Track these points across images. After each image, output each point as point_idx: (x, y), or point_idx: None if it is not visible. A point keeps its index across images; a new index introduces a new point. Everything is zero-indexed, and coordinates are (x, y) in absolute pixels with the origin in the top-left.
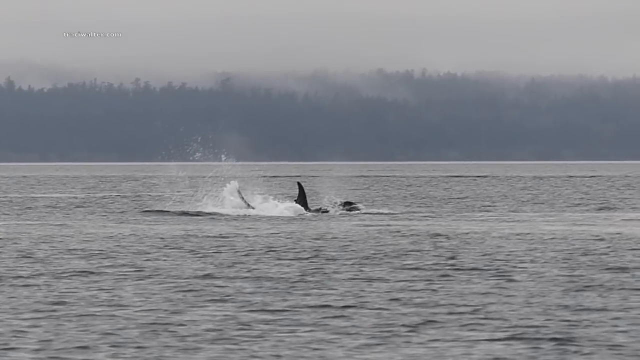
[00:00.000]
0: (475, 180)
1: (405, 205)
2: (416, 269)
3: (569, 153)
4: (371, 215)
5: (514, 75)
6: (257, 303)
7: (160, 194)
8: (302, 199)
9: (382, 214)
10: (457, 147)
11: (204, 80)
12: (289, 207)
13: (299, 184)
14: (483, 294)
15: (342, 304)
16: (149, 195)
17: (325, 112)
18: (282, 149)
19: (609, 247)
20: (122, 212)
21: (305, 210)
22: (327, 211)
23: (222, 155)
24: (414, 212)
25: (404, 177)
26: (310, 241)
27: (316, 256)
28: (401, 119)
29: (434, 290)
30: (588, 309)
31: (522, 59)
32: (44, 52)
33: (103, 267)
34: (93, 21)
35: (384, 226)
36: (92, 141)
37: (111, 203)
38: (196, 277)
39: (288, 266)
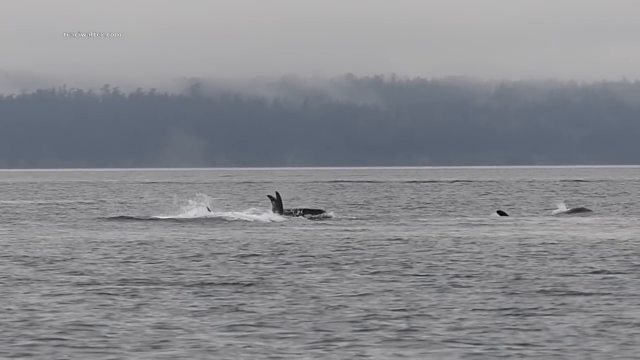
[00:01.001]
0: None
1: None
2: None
3: (538, 158)
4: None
5: (484, 80)
6: (187, 309)
7: (124, 200)
8: (278, 206)
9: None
10: (427, 152)
11: (173, 86)
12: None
13: (277, 193)
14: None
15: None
16: (114, 200)
17: (295, 118)
18: (252, 155)
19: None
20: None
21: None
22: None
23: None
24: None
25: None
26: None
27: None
28: (371, 124)
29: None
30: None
31: (491, 64)
32: (12, 59)
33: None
34: (64, 26)
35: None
36: (61, 147)
37: (71, 210)
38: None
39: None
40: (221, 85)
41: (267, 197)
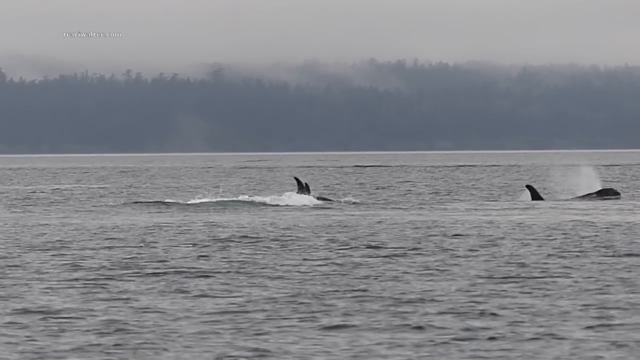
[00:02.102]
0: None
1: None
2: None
3: (560, 142)
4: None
5: (506, 65)
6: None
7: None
8: (302, 191)
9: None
10: (449, 137)
11: (195, 71)
12: (302, 198)
13: (295, 178)
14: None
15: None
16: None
17: (316, 103)
18: (273, 140)
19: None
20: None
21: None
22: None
23: None
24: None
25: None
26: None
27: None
28: (393, 109)
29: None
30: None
31: (513, 49)
32: (36, 44)
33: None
34: (87, 15)
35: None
36: (83, 133)
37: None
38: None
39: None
40: (243, 70)
41: (295, 179)
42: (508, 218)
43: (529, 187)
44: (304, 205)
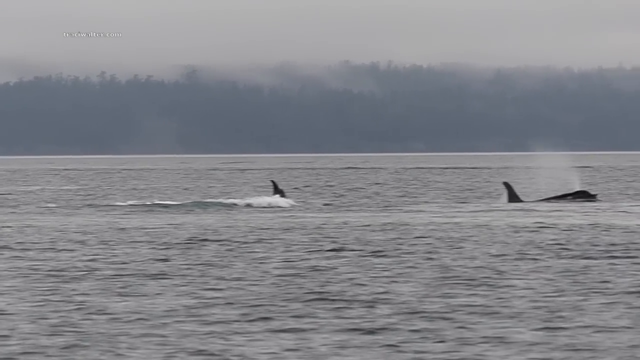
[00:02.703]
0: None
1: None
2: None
3: (534, 144)
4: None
5: (480, 67)
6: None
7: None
8: (277, 194)
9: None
10: (423, 139)
11: (169, 73)
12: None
13: (272, 181)
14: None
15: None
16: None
17: (290, 105)
18: (248, 142)
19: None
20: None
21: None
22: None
23: None
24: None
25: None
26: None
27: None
28: (367, 110)
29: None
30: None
31: (487, 51)
32: (10, 46)
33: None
34: (62, 17)
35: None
36: (58, 134)
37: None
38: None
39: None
40: (217, 72)
41: (271, 182)
42: (474, 220)
43: (506, 184)
44: (279, 207)
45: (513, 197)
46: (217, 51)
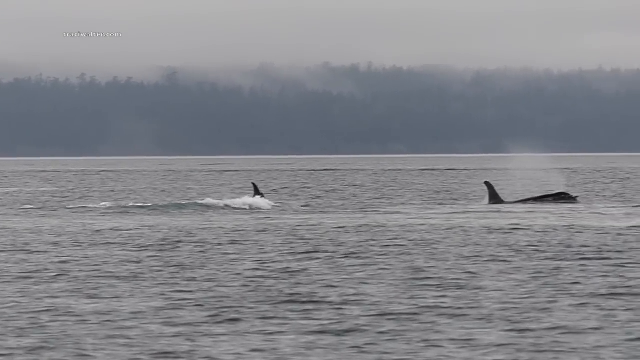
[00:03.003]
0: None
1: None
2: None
3: (514, 146)
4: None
5: (460, 69)
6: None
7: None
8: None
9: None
10: (403, 141)
11: (149, 75)
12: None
13: (253, 183)
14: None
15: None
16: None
17: (270, 106)
18: (228, 143)
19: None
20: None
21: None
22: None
23: None
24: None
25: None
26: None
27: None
28: (347, 112)
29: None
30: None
31: (467, 52)
32: None
33: None
34: (42, 19)
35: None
36: (38, 136)
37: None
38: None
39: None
40: (197, 74)
41: (252, 185)
42: (449, 222)
43: (487, 184)
44: (258, 208)
45: (494, 198)
46: (197, 53)
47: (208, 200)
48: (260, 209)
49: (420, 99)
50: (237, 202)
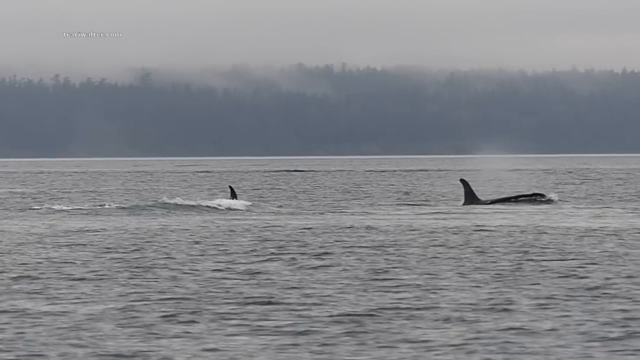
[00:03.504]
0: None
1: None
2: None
3: (489, 147)
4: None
5: (434, 70)
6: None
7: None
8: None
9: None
10: (377, 142)
11: (123, 76)
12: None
13: (230, 187)
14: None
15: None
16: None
17: (244, 107)
18: (202, 144)
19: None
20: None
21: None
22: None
23: None
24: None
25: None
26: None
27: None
28: (321, 113)
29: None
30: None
31: (441, 53)
32: None
33: None
34: (14, 20)
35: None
36: (11, 137)
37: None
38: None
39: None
40: (171, 75)
41: (229, 187)
42: (417, 222)
43: (462, 181)
44: (235, 209)
45: (470, 196)
46: (171, 54)
47: (178, 200)
48: (233, 209)
49: (394, 100)
50: (212, 203)
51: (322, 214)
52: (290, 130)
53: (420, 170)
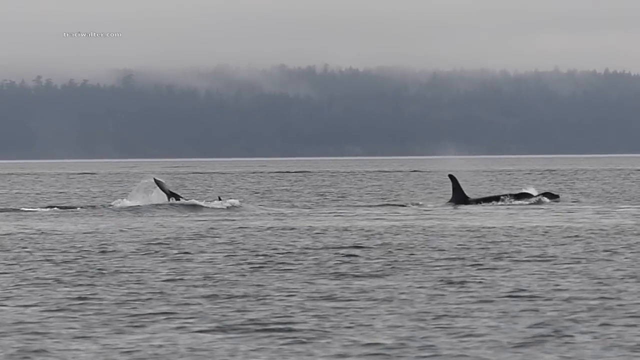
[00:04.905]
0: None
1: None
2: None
3: (471, 148)
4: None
5: (416, 70)
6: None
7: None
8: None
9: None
10: (360, 143)
11: (105, 77)
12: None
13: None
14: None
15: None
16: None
17: (227, 109)
18: (184, 146)
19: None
20: None
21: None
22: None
23: None
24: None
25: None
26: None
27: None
28: (303, 114)
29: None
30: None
31: (423, 54)
32: None
33: None
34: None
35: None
36: None
37: None
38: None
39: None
40: (153, 76)
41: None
42: (387, 222)
43: (451, 177)
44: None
45: (458, 192)
46: (153, 55)
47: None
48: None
49: (377, 101)
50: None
51: (292, 216)
52: (272, 131)
53: (398, 171)
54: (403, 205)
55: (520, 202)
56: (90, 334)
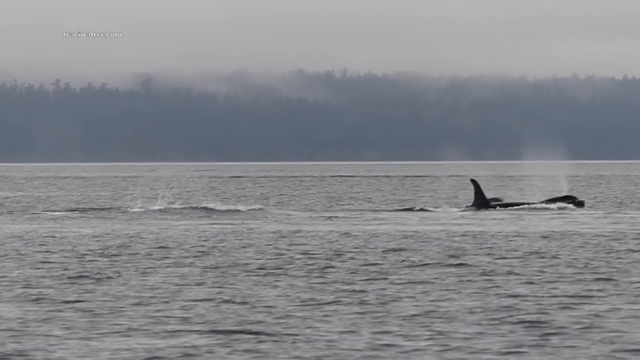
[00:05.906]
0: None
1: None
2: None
3: (489, 153)
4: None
5: (435, 76)
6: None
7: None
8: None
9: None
10: (378, 148)
11: (124, 81)
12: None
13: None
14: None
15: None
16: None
17: (245, 113)
18: (203, 150)
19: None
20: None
21: None
22: None
23: None
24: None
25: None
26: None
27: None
28: (321, 119)
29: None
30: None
31: (442, 59)
32: None
33: None
34: (10, 25)
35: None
36: (12, 142)
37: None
38: None
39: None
40: (172, 80)
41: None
42: (376, 227)
43: (473, 181)
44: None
45: (479, 197)
46: (172, 59)
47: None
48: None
49: (395, 106)
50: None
51: (288, 223)
52: (290, 135)
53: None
54: (426, 210)
55: (544, 206)
56: (93, 336)
